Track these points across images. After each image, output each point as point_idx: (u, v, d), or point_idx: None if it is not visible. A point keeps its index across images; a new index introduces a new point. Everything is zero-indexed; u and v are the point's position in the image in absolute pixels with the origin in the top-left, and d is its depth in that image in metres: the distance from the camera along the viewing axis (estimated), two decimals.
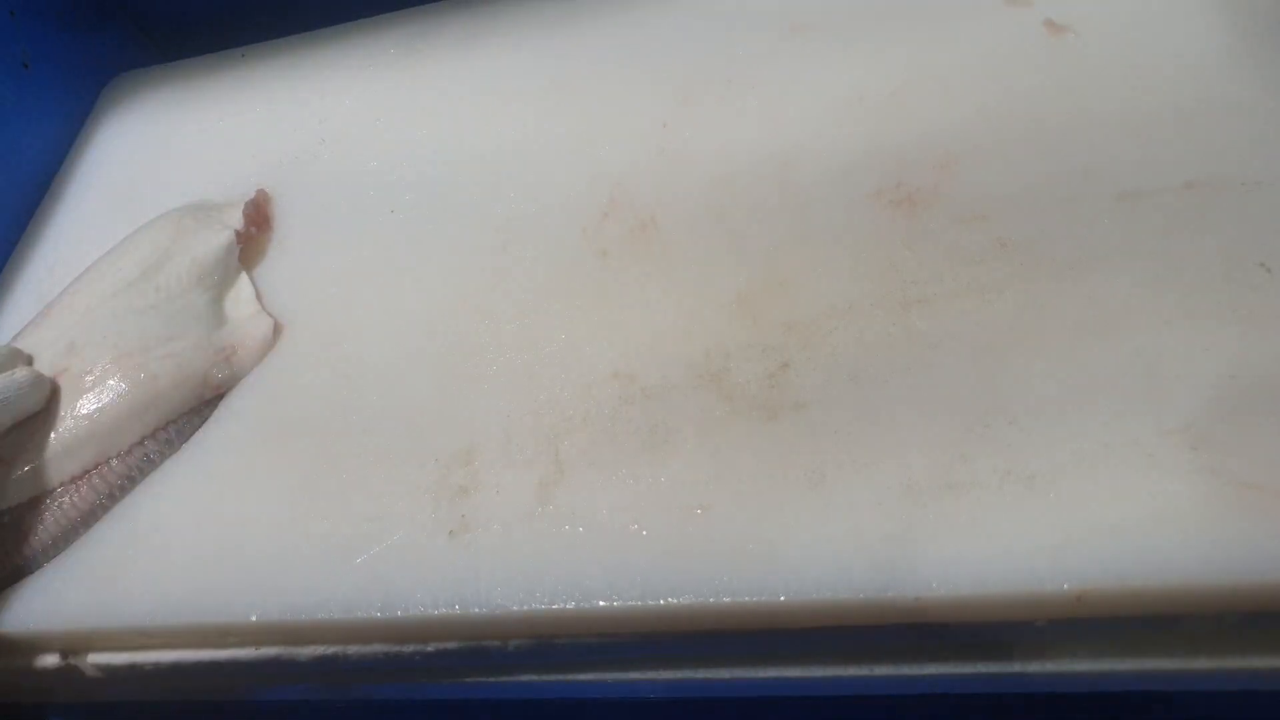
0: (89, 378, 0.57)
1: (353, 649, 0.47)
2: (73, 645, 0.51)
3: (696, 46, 0.62)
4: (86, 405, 0.56)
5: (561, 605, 0.42)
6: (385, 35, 0.74)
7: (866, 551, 0.39)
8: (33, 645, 0.52)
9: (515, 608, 0.43)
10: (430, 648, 0.46)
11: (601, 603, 0.41)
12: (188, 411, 0.57)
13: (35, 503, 0.55)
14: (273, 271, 0.63)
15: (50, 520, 0.54)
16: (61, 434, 0.55)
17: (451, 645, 0.45)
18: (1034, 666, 0.41)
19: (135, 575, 0.51)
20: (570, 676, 0.47)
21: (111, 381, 0.56)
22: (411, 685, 0.50)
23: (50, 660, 0.52)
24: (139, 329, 0.58)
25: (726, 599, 0.40)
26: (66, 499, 0.54)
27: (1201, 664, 0.39)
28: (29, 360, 0.57)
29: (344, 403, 0.54)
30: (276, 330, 0.59)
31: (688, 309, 0.50)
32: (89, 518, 0.54)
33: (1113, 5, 0.52)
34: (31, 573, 0.53)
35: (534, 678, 0.47)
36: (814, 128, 0.55)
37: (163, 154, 0.75)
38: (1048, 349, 0.43)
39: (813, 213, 0.51)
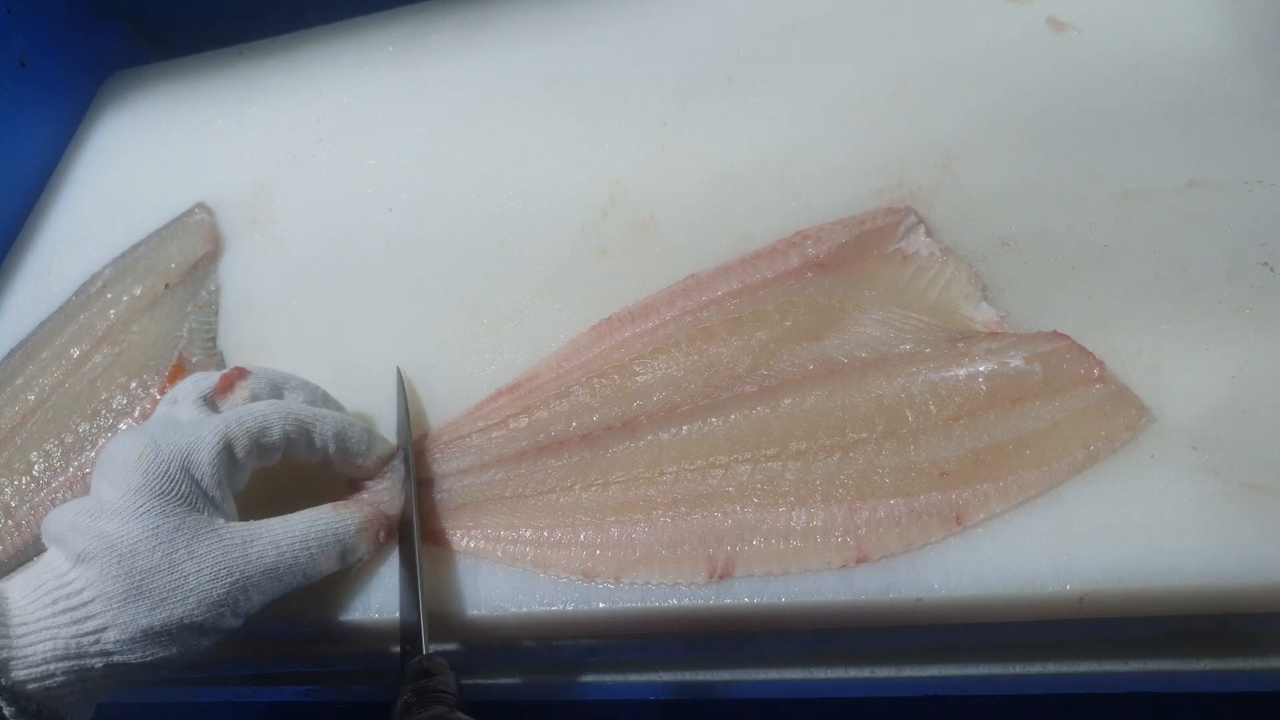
0: None
1: (353, 650, 0.47)
2: None
3: (696, 46, 0.62)
4: None
5: (560, 607, 0.42)
6: (384, 33, 0.73)
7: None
8: None
9: (514, 609, 0.43)
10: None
11: (602, 604, 0.41)
12: None
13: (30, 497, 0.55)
14: (271, 269, 0.63)
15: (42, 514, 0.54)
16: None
17: (451, 646, 0.45)
18: (1035, 668, 0.40)
19: None
20: (569, 679, 0.47)
21: None
22: None
23: None
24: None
25: (728, 601, 0.39)
26: (60, 497, 0.54)
27: (1204, 665, 0.39)
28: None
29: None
30: None
31: None
32: None
33: (1114, 2, 0.52)
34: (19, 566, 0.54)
35: (536, 679, 0.47)
36: (814, 127, 0.55)
37: (160, 152, 0.75)
38: None
39: (813, 211, 0.50)
